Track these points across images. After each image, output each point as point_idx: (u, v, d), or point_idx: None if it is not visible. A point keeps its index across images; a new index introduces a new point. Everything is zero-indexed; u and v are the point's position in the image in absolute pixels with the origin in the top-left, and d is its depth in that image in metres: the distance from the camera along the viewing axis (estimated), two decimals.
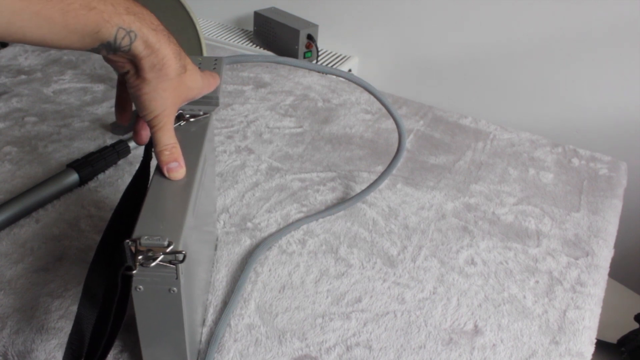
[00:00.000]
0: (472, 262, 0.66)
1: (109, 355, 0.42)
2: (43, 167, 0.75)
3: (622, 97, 1.36)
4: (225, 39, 1.69)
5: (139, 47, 0.41)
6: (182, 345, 0.46)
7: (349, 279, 0.62)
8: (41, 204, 0.68)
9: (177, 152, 0.46)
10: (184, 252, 0.39)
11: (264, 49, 1.64)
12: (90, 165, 0.73)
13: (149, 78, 0.43)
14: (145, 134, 0.50)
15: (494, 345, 0.56)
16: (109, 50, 0.41)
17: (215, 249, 0.65)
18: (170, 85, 0.44)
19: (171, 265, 0.39)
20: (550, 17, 1.35)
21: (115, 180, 0.74)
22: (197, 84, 0.48)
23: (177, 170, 0.45)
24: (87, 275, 0.44)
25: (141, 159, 0.50)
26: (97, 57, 1.05)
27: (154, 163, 0.48)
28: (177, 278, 0.40)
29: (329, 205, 0.73)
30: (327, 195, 0.75)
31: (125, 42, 0.41)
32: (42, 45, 0.39)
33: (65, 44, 0.39)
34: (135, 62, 0.43)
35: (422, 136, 0.91)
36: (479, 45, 1.47)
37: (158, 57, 0.43)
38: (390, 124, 0.93)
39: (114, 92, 0.94)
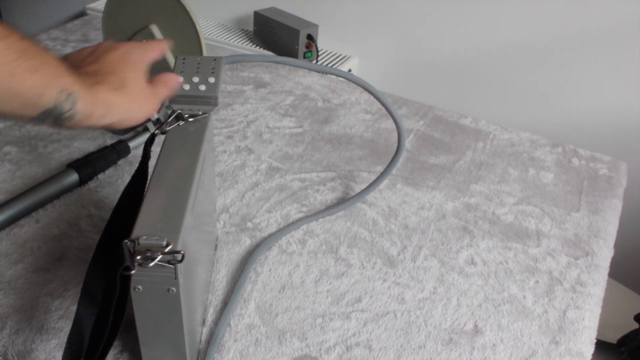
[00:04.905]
0: (472, 262, 0.66)
1: (108, 355, 0.42)
2: (43, 167, 0.75)
3: (622, 97, 1.36)
4: (225, 39, 1.69)
5: (82, 109, 0.41)
6: (181, 345, 0.46)
7: (349, 279, 0.62)
8: (41, 204, 0.68)
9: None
10: (182, 252, 0.39)
11: (264, 49, 1.64)
12: (90, 165, 0.73)
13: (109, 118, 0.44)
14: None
15: (494, 345, 0.56)
16: (55, 119, 0.40)
17: (215, 249, 0.65)
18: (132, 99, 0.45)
19: (170, 265, 0.39)
20: (550, 17, 1.35)
21: (115, 180, 0.74)
22: (140, 83, 0.47)
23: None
24: (86, 275, 0.44)
25: (140, 158, 0.50)
26: None
27: (152, 163, 0.48)
28: (176, 278, 0.40)
29: (329, 205, 0.73)
30: (327, 195, 0.75)
31: (67, 106, 0.40)
32: None
33: (5, 110, 0.38)
34: (88, 122, 0.42)
35: (422, 136, 0.91)
36: (479, 45, 1.47)
37: (104, 106, 0.43)
38: (390, 124, 0.93)
39: None
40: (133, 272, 0.39)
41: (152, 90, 0.48)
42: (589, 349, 0.57)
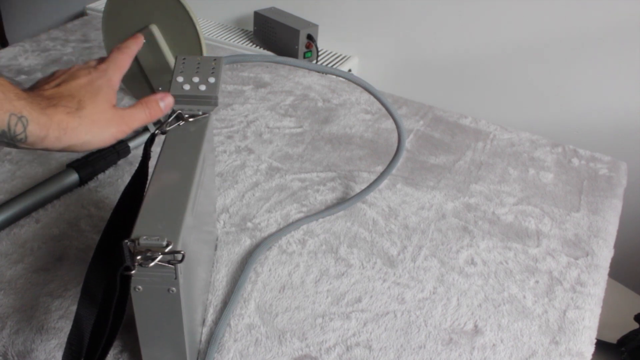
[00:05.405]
0: (472, 262, 0.66)
1: (108, 355, 0.42)
2: (43, 167, 0.75)
3: (621, 98, 1.36)
4: (225, 39, 1.69)
5: (34, 131, 0.41)
6: (181, 345, 0.46)
7: (349, 279, 0.62)
8: (41, 204, 0.68)
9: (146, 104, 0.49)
10: (182, 252, 0.39)
11: (264, 49, 1.64)
12: (90, 165, 0.73)
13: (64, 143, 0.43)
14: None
15: (494, 345, 0.56)
16: (8, 141, 0.40)
17: (215, 249, 0.65)
18: (86, 121, 0.45)
19: (170, 265, 0.39)
20: (550, 17, 1.35)
21: (115, 180, 0.74)
22: (108, 98, 0.47)
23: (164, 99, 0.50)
24: (86, 275, 0.44)
25: (140, 158, 0.50)
26: (97, 57, 1.05)
27: (152, 163, 0.48)
28: (176, 278, 0.40)
29: (329, 205, 0.73)
30: (327, 195, 0.75)
31: (19, 129, 0.40)
32: None
33: None
34: (44, 145, 0.42)
35: (422, 136, 0.91)
36: (478, 45, 1.47)
37: (59, 128, 0.42)
38: (390, 124, 0.93)
39: None
40: (133, 272, 0.39)
41: (120, 114, 0.47)
42: (589, 349, 0.57)
